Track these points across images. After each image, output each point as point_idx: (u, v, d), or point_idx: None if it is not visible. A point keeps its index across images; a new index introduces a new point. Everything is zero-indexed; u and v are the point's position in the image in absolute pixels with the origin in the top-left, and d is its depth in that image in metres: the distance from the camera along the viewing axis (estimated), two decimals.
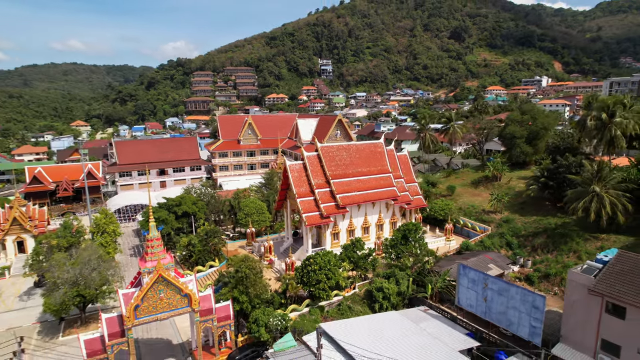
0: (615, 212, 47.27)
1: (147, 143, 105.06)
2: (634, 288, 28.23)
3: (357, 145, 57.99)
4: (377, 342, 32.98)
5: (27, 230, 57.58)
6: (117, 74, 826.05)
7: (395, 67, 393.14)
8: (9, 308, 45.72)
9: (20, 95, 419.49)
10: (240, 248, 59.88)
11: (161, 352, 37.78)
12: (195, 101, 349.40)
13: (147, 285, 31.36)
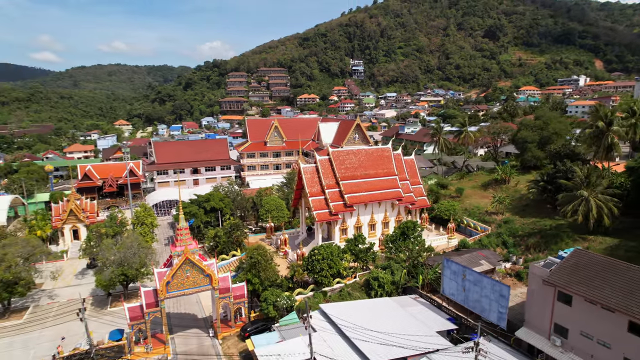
0: (602, 215, 50.90)
1: (182, 144, 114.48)
2: (579, 280, 32.88)
3: (366, 150, 63.79)
4: (364, 320, 38.92)
5: (81, 220, 67.15)
6: (156, 74, 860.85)
7: (427, 67, 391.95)
8: (68, 284, 54.91)
9: (70, 96, 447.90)
10: (260, 240, 67.00)
11: (188, 323, 45.32)
12: (229, 101, 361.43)
13: (177, 266, 38.80)
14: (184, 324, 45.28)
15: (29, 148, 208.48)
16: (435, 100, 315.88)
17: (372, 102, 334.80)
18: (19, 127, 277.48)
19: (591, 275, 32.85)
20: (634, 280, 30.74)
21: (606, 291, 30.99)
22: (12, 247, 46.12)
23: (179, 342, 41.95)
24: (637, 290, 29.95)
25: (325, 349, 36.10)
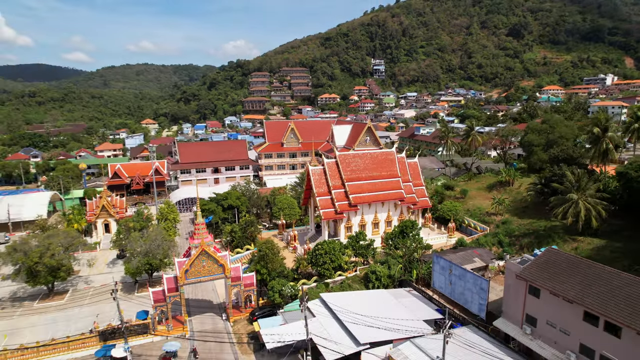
0: (590, 218, 53.98)
1: (204, 145, 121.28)
2: (547, 275, 36.71)
3: (371, 154, 68.29)
4: (358, 307, 43.62)
5: (112, 215, 74.17)
6: (182, 73, 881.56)
7: (449, 67, 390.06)
8: (101, 271, 61.76)
9: (100, 95, 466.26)
10: (273, 236, 72.49)
11: (204, 308, 51.10)
12: (252, 101, 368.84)
13: (194, 256, 44.50)
14: (201, 308, 51.09)
15: (63, 146, 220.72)
16: (456, 100, 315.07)
17: (392, 102, 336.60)
18: (54, 126, 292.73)
19: (558, 271, 36.68)
20: (591, 276, 34.47)
21: (567, 285, 34.82)
22: (55, 238, 53.02)
23: (196, 323, 47.75)
24: (592, 284, 33.71)
25: (321, 331, 41.07)
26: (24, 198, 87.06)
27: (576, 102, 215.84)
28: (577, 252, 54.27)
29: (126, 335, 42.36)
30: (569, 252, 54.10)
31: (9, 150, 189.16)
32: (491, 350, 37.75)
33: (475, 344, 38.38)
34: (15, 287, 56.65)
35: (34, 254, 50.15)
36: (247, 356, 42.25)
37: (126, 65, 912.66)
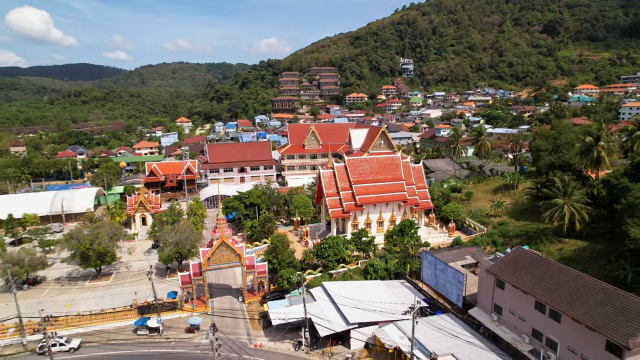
0: (574, 221, 58.69)
1: (231, 146, 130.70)
2: (510, 270, 42.55)
3: (378, 158, 74.84)
4: (353, 294, 50.65)
5: (148, 210, 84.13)
6: (216, 71, 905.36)
7: (479, 65, 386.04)
8: (138, 258, 71.54)
9: (139, 94, 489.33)
10: (289, 231, 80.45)
11: (225, 291, 59.53)
12: (281, 100, 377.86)
13: (215, 246, 52.80)
14: (222, 291, 59.58)
15: (105, 144, 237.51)
16: (483, 100, 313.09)
17: (419, 102, 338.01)
18: (97, 124, 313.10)
19: (520, 267, 42.50)
20: (545, 272, 40.18)
21: (525, 279, 40.68)
22: (102, 229, 62.81)
23: (217, 303, 56.19)
24: (544, 278, 39.46)
25: (320, 312, 48.44)
26: (74, 193, 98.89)
27: (607, 103, 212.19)
28: (561, 252, 59.36)
29: (159, 310, 51.30)
30: (555, 253, 59.58)
31: (58, 147, 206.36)
32: (463, 334, 44.02)
33: (450, 328, 44.76)
34: (70, 268, 67.16)
35: (86, 241, 60.08)
36: (257, 331, 50.23)
37: (163, 64, 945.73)
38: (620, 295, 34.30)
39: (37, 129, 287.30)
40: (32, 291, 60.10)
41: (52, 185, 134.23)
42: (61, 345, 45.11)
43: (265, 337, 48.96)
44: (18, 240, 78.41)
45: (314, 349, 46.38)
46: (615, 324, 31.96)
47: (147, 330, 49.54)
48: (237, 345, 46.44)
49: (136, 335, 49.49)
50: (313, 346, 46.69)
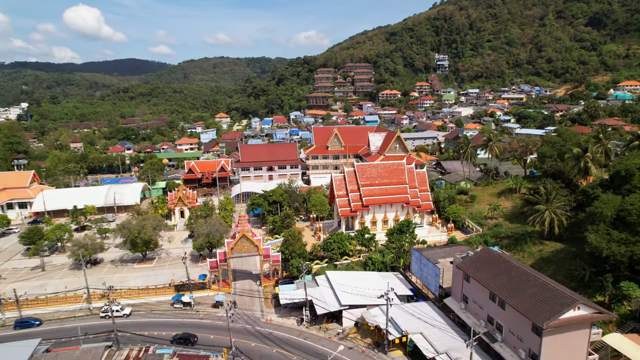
0: (554, 226, 65.52)
1: (261, 147, 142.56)
2: (475, 266, 50.84)
3: (384, 164, 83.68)
4: (350, 282, 60.36)
5: (186, 204, 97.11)
6: (255, 66, 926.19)
7: (516, 61, 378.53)
8: (176, 246, 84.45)
9: (181, 90, 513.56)
10: (306, 227, 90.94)
11: (246, 275, 70.89)
12: (316, 97, 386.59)
13: (237, 239, 64.05)
14: (244, 275, 71.07)
15: (150, 139, 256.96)
16: (517, 97, 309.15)
17: (452, 99, 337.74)
18: (143, 120, 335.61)
19: (482, 264, 50.78)
20: (501, 269, 48.35)
21: (484, 274, 49.01)
22: (147, 221, 75.77)
23: (238, 285, 67.63)
24: (499, 274, 47.66)
25: (319, 295, 58.61)
26: (124, 187, 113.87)
27: None
28: (541, 253, 66.49)
29: (191, 289, 63.30)
30: (535, 254, 66.83)
31: (109, 143, 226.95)
32: (435, 318, 52.95)
33: (427, 313, 53.82)
34: (122, 252, 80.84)
35: (135, 231, 73.12)
36: (269, 309, 61.20)
37: (204, 59, 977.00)
38: (549, 288, 42.23)
39: (91, 125, 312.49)
40: (94, 269, 73.93)
41: (105, 179, 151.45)
42: (117, 311, 57.82)
43: (275, 314, 59.85)
44: (81, 227, 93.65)
45: (312, 324, 56.74)
46: (539, 311, 40.12)
47: (182, 304, 61.67)
48: (252, 319, 57.62)
49: (172, 307, 61.74)
50: (312, 322, 57.06)
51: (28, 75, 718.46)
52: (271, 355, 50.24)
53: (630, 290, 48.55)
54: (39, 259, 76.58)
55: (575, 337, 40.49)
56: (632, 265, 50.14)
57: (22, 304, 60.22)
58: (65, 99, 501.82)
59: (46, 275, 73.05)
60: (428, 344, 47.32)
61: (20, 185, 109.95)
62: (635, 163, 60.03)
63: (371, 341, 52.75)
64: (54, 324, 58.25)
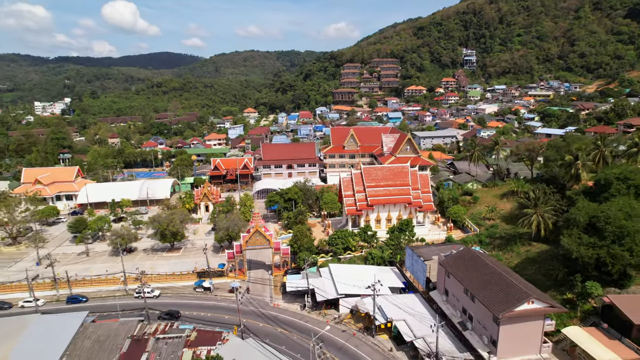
0: (540, 229, 70.97)
1: (282, 146, 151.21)
2: (454, 264, 57.54)
3: (389, 167, 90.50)
4: (349, 274, 68.07)
5: (210, 200, 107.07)
6: (284, 59, 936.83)
7: (546, 56, 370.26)
8: (201, 238, 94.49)
9: (212, 85, 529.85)
10: (317, 223, 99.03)
11: (260, 266, 79.89)
12: (341, 92, 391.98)
13: (251, 233, 72.91)
14: (258, 265, 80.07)
15: (181, 134, 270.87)
16: (544, 95, 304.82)
17: (477, 95, 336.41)
18: (175, 115, 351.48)
19: (461, 262, 57.49)
20: (475, 267, 54.96)
21: (461, 271, 55.76)
22: (176, 215, 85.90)
23: (252, 274, 76.73)
24: (474, 271, 54.32)
25: (320, 284, 66.70)
26: (155, 182, 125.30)
27: None
28: (527, 254, 72.19)
29: (211, 276, 72.79)
30: (522, 254, 72.57)
31: (143, 138, 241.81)
32: (420, 309, 60.09)
33: (413, 304, 61.00)
34: (153, 242, 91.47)
35: (164, 223, 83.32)
36: (277, 295, 69.93)
37: (235, 52, 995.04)
38: (511, 284, 48.69)
39: (127, 119, 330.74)
40: (129, 257, 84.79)
41: (139, 172, 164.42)
42: (148, 293, 67.89)
43: (282, 300, 68.49)
44: (118, 219, 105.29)
45: (313, 310, 65.02)
46: (498, 303, 46.79)
47: (203, 288, 71.29)
48: (261, 303, 66.54)
49: (195, 291, 71.50)
50: (313, 308, 65.32)
51: (70, 70, 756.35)
52: (275, 334, 58.89)
53: (593, 289, 54.27)
54: (84, 246, 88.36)
55: (529, 326, 47.00)
56: (598, 266, 55.66)
57: (72, 283, 71.51)
58: (104, 93, 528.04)
59: (90, 260, 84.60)
60: (409, 330, 54.67)
61: (67, 180, 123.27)
62: (613, 173, 64.79)
63: (362, 326, 60.56)
64: (97, 301, 69.09)
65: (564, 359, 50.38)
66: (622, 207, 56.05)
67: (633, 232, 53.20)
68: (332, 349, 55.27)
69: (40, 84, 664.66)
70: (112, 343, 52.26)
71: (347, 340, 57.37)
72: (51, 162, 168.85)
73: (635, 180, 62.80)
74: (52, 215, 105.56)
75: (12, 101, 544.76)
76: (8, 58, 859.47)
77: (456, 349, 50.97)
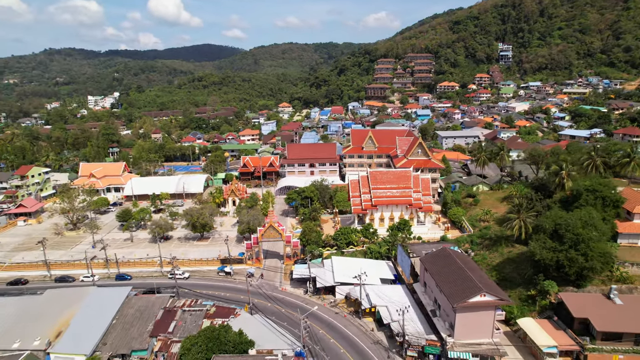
0: (521, 232, 78.94)
1: (305, 146, 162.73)
2: (431, 261, 67.21)
3: (393, 171, 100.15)
4: (348, 265, 79.01)
5: (237, 196, 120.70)
6: (322, 51, 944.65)
7: (588, 51, 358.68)
8: (227, 229, 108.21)
9: (249, 79, 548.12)
10: (330, 219, 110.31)
11: (274, 256, 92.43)
12: (374, 88, 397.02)
13: (265, 227, 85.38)
14: (273, 255, 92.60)
15: (218, 129, 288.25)
16: (579, 92, 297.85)
17: (509, 92, 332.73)
18: (214, 109, 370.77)
19: (437, 260, 67.13)
20: (446, 264, 64.48)
21: (435, 267, 65.48)
22: (206, 209, 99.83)
23: (267, 262, 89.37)
24: (444, 267, 63.92)
25: (321, 273, 78.21)
26: (191, 177, 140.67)
27: None
28: (509, 254, 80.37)
29: (231, 262, 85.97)
30: (505, 254, 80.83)
31: (183, 133, 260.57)
32: (403, 298, 70.29)
33: (398, 293, 71.31)
34: (186, 232, 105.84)
35: (195, 216, 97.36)
36: (286, 281, 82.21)
37: (274, 45, 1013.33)
38: (470, 279, 58.06)
39: (169, 113, 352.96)
40: (165, 244, 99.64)
41: (177, 166, 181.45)
42: (179, 274, 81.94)
43: (289, 285, 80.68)
44: (158, 210, 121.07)
45: (314, 294, 76.75)
46: (456, 295, 56.47)
47: (224, 273, 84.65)
48: (272, 287, 79.01)
49: (217, 275, 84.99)
50: (314, 293, 77.01)
51: (119, 64, 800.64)
52: (280, 312, 71.11)
53: (550, 287, 62.76)
54: (129, 233, 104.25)
55: (482, 315, 56.44)
56: (558, 268, 63.81)
57: (120, 264, 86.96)
58: (149, 86, 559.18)
59: (134, 245, 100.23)
60: (388, 314, 65.21)
61: (116, 174, 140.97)
62: (584, 184, 71.83)
63: (352, 309, 71.67)
64: (138, 280, 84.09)
65: (518, 344, 59.53)
66: (582, 216, 63.70)
67: (587, 239, 61.08)
68: (324, 326, 66.88)
69: (93, 77, 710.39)
70: (149, 312, 66.27)
71: (339, 321, 68.77)
72: (102, 156, 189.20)
73: (603, 192, 69.69)
74: (104, 205, 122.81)
75: (68, 94, 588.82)
76: (65, 52, 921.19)
77: (424, 332, 61.16)
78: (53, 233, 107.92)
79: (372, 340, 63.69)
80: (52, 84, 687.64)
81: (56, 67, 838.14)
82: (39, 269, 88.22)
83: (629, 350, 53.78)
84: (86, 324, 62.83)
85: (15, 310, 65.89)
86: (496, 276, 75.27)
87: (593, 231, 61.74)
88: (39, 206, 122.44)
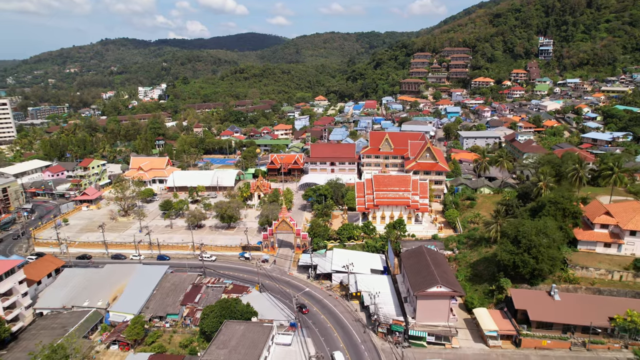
0: (497, 235, 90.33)
1: (327, 146, 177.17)
2: (408, 256, 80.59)
3: (395, 175, 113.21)
4: (347, 257, 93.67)
5: (262, 191, 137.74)
6: (364, 41, 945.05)
7: (636, 45, 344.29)
8: (251, 220, 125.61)
9: (289, 71, 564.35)
10: (340, 215, 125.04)
11: (287, 246, 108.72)
12: (409, 82, 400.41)
13: (279, 221, 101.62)
14: (286, 244, 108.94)
15: (255, 122, 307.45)
16: (619, 90, 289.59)
17: (545, 90, 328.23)
18: (252, 102, 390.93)
19: (412, 255, 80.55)
20: (418, 259, 77.78)
21: (409, 262, 78.98)
22: (233, 202, 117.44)
23: (280, 251, 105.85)
24: (417, 261, 77.28)
25: (322, 262, 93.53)
26: (224, 172, 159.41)
27: None
28: (486, 254, 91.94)
29: (250, 249, 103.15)
30: (483, 253, 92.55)
31: (222, 126, 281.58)
32: (385, 286, 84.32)
33: (382, 281, 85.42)
34: (216, 222, 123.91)
35: (224, 208, 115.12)
36: (294, 267, 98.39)
37: (315, 34, 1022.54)
38: (432, 274, 71.27)
39: (211, 105, 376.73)
40: (198, 231, 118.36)
41: (214, 159, 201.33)
42: (207, 257, 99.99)
43: (295, 271, 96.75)
44: (194, 201, 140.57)
45: (315, 279, 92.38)
46: (418, 285, 70.02)
47: (244, 258, 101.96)
48: (281, 272, 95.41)
49: (239, 259, 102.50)
50: (315, 278, 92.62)
51: (167, 53, 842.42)
52: (285, 292, 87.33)
53: (505, 284, 74.90)
54: (169, 220, 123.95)
55: (439, 303, 69.81)
56: (515, 268, 75.60)
57: (161, 247, 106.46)
58: (194, 76, 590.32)
59: (172, 232, 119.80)
60: (369, 298, 79.67)
61: (160, 167, 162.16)
62: (549, 196, 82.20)
63: (343, 293, 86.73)
64: (175, 260, 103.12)
65: (472, 329, 72.55)
66: (537, 225, 74.89)
67: (538, 244, 72.49)
68: (318, 305, 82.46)
69: (143, 66, 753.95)
70: (181, 286, 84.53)
71: (330, 302, 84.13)
72: (149, 148, 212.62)
73: (563, 204, 79.94)
74: (149, 195, 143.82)
75: (121, 83, 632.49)
76: (119, 42, 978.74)
77: (395, 314, 75.28)
78: (109, 218, 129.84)
79: (354, 318, 78.60)
80: (108, 73, 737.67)
81: (111, 56, 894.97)
82: (99, 248, 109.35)
83: (556, 337, 65.59)
84: (134, 292, 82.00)
85: (84, 279, 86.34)
86: (470, 272, 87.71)
87: (544, 238, 72.89)
88: (98, 194, 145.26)
